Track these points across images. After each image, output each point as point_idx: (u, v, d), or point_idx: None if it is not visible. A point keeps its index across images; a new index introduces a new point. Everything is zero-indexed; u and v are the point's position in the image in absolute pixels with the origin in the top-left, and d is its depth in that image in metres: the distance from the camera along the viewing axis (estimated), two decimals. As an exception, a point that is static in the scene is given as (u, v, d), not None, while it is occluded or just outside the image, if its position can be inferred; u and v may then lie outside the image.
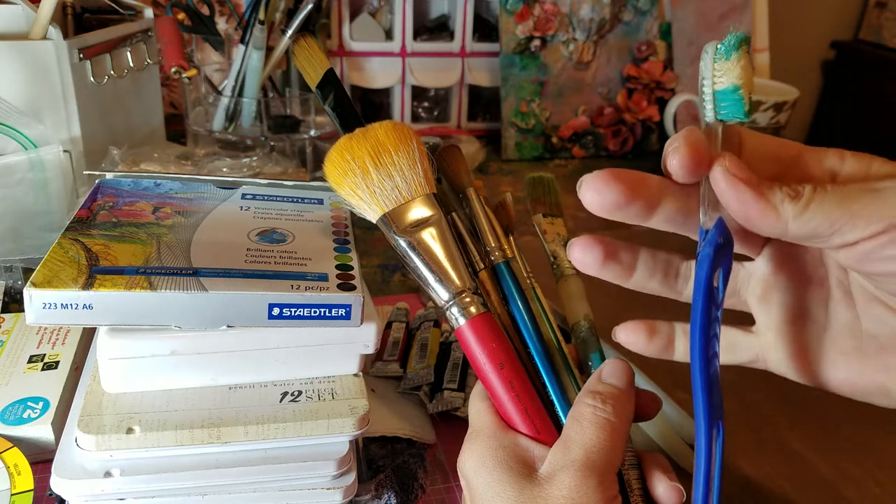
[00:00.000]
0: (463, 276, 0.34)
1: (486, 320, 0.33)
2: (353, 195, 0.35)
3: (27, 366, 0.46)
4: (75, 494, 0.34)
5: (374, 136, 0.35)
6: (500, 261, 0.37)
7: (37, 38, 0.58)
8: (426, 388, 0.49)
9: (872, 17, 1.65)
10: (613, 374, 0.32)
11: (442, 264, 0.34)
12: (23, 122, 0.56)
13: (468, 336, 0.32)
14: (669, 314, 0.34)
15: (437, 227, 0.34)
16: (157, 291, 0.33)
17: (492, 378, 0.32)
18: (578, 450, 0.29)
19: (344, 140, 0.36)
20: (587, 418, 0.29)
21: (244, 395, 0.36)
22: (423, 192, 0.35)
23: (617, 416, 0.29)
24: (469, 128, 1.10)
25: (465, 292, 0.33)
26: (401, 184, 0.34)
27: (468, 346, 0.33)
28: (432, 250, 0.34)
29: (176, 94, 1.05)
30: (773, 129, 0.93)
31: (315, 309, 0.35)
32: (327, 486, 0.37)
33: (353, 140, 0.35)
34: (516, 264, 0.38)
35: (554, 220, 0.42)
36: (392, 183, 0.34)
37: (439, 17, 1.08)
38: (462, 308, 0.33)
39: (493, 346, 0.32)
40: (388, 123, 0.36)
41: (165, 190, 0.43)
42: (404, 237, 0.34)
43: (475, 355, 0.32)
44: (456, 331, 0.33)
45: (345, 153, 0.35)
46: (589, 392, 0.31)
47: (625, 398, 0.31)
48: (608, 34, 1.04)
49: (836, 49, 1.69)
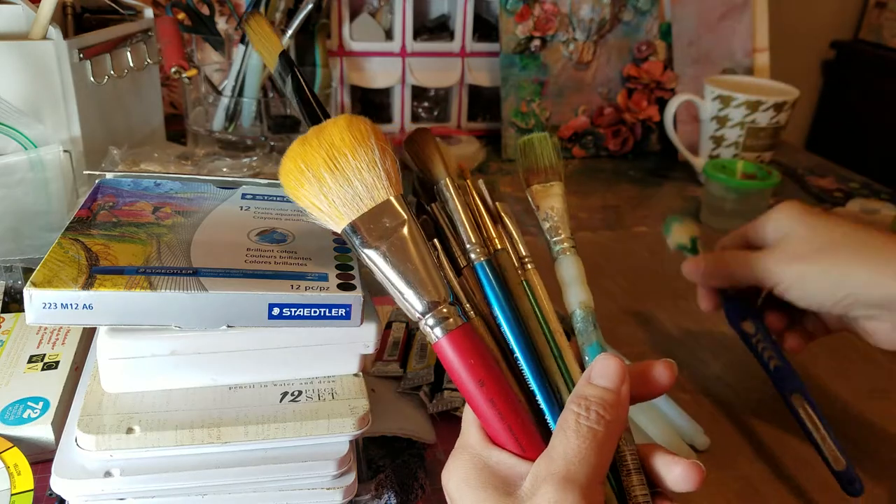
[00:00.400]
0: (437, 285, 0.31)
1: (464, 334, 0.31)
2: (313, 206, 0.32)
3: (27, 366, 0.46)
4: (75, 494, 0.34)
5: (328, 139, 0.32)
6: (480, 259, 0.35)
7: (37, 38, 0.58)
8: (426, 388, 0.49)
9: (872, 17, 1.65)
10: (602, 374, 0.31)
11: (413, 275, 0.31)
12: (23, 121, 0.56)
13: (446, 351, 0.31)
14: (670, 313, 0.34)
15: (405, 234, 0.32)
16: (157, 291, 0.33)
17: (473, 395, 0.31)
18: (560, 461, 0.28)
19: (296, 146, 0.33)
20: (571, 427, 0.29)
21: (244, 395, 0.36)
22: (387, 196, 0.32)
23: (602, 424, 0.29)
24: (469, 128, 1.10)
25: (440, 304, 0.31)
26: (361, 189, 0.32)
27: (447, 362, 0.31)
28: (402, 260, 0.31)
29: (176, 94, 1.05)
30: (773, 128, 0.93)
31: (315, 309, 0.35)
32: (327, 486, 0.37)
33: (306, 145, 0.33)
34: (505, 257, 0.36)
35: (549, 187, 0.38)
36: (352, 190, 0.32)
37: (439, 17, 1.08)
38: (438, 320, 0.31)
39: (471, 363, 0.30)
40: (342, 120, 0.33)
41: (165, 190, 0.43)
42: (370, 248, 0.31)
43: (454, 372, 0.31)
44: (433, 345, 0.31)
45: (298, 161, 0.32)
46: (575, 397, 0.30)
47: (614, 401, 0.30)
48: (608, 34, 1.04)
49: (836, 49, 1.69)
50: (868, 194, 0.99)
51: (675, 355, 0.60)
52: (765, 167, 0.87)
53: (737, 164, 0.88)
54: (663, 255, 0.78)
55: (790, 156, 1.13)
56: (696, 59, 1.07)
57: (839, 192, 1.00)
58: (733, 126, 0.94)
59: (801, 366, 0.57)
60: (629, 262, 0.75)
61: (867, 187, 1.02)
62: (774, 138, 0.95)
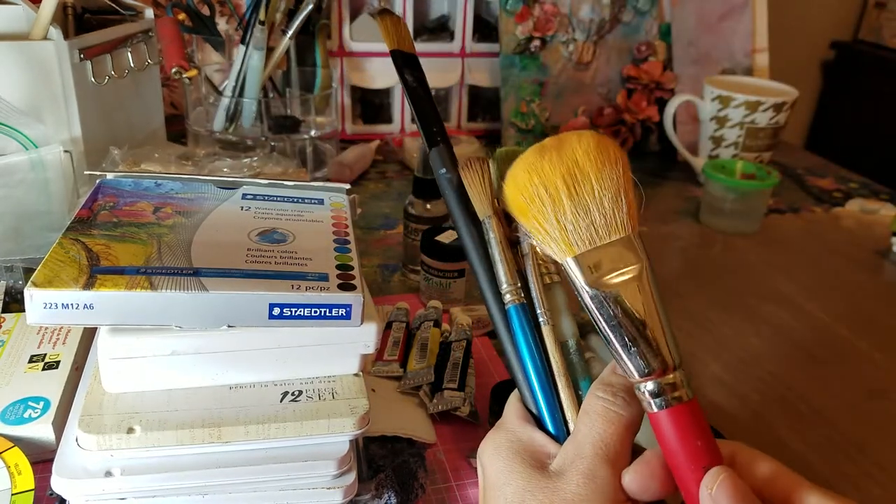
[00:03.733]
0: (671, 348, 0.27)
1: (691, 411, 0.27)
2: (538, 228, 0.29)
3: (28, 366, 0.46)
4: (76, 494, 0.34)
5: (570, 156, 0.29)
6: (514, 302, 0.32)
7: (37, 38, 0.59)
8: (426, 388, 0.50)
9: (872, 18, 1.65)
10: None
11: (643, 331, 0.27)
12: (23, 122, 0.56)
13: (666, 426, 0.27)
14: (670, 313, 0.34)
15: (639, 281, 0.28)
16: (158, 291, 0.33)
17: (688, 477, 0.27)
18: (588, 445, 0.28)
19: (532, 155, 0.30)
20: (597, 412, 0.29)
21: (245, 394, 0.37)
22: (626, 233, 0.28)
23: (627, 410, 0.29)
24: (469, 128, 1.10)
25: (671, 371, 0.27)
26: (599, 220, 0.28)
27: (663, 436, 0.27)
28: (631, 311, 0.27)
29: (177, 94, 1.05)
30: (772, 129, 0.93)
31: (315, 309, 0.35)
32: (327, 485, 0.37)
33: (545, 158, 0.29)
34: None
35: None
36: (588, 219, 0.28)
37: (439, 17, 1.08)
38: (664, 389, 0.27)
39: (698, 445, 0.26)
40: (589, 138, 0.29)
41: (166, 190, 0.43)
42: (595, 289, 0.28)
43: (671, 450, 0.27)
44: (650, 415, 0.27)
45: (533, 174, 0.29)
46: (601, 384, 0.30)
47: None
48: (608, 34, 1.04)
49: (835, 49, 1.69)
50: (867, 194, 0.99)
51: (675, 355, 0.60)
52: (764, 167, 0.87)
53: (736, 165, 0.88)
54: (663, 256, 0.78)
55: (789, 156, 1.13)
56: (696, 60, 1.07)
57: (838, 192, 1.00)
58: (733, 126, 0.94)
59: (802, 366, 0.57)
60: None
61: (866, 187, 1.03)
62: (774, 138, 0.95)
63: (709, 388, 0.56)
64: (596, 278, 0.28)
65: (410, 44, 0.41)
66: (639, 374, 0.27)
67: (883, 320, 0.67)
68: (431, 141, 0.37)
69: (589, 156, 0.29)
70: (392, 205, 0.85)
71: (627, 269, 0.28)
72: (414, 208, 0.66)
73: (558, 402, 0.31)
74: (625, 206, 0.28)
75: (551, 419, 0.31)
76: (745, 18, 1.09)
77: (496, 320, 0.33)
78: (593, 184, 0.28)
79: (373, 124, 1.06)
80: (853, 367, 0.60)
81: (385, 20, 0.41)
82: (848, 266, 0.78)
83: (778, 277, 0.74)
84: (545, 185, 0.29)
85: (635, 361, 0.27)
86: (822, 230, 0.88)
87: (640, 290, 0.27)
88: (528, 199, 0.29)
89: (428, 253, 0.61)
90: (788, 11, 1.46)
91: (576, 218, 0.28)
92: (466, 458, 0.46)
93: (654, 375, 0.27)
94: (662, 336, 0.27)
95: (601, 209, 0.28)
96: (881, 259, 0.80)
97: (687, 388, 0.27)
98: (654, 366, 0.27)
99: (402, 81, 0.40)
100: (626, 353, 0.27)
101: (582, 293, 0.28)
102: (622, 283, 0.27)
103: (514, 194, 0.30)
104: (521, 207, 0.30)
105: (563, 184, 0.28)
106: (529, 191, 0.29)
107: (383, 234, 0.79)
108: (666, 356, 0.27)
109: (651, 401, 0.27)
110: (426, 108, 0.39)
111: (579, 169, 0.28)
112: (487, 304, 0.33)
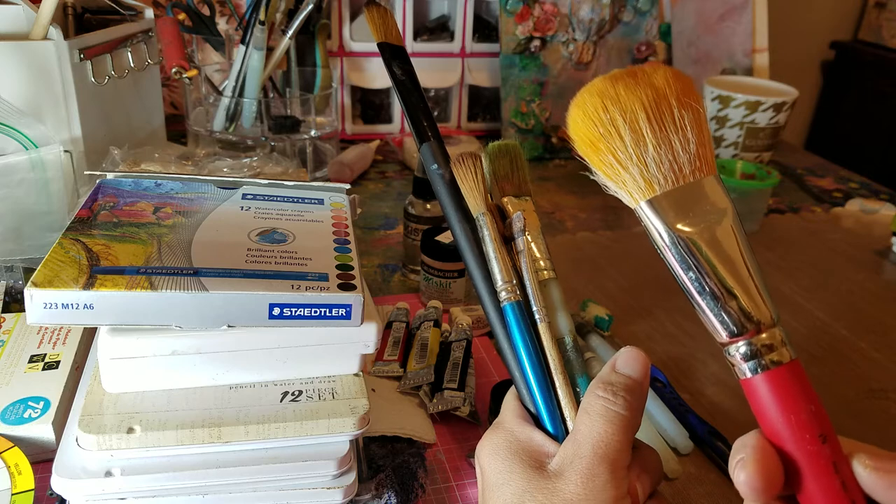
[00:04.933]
0: (765, 300, 0.24)
1: (794, 373, 0.24)
2: (613, 165, 0.25)
3: (28, 366, 0.46)
4: (76, 494, 0.34)
5: (648, 82, 0.25)
6: (511, 300, 0.31)
7: (37, 38, 0.59)
8: (426, 388, 0.50)
9: (872, 18, 1.65)
10: (628, 363, 0.30)
11: (739, 281, 0.24)
12: (24, 122, 0.56)
13: (763, 393, 0.23)
14: (670, 313, 0.34)
15: (729, 226, 0.24)
16: (158, 291, 0.33)
17: (801, 452, 0.23)
18: (587, 445, 0.28)
19: (602, 82, 0.26)
20: (597, 411, 0.29)
21: (245, 394, 0.37)
22: (710, 172, 0.25)
23: (628, 410, 0.29)
24: (469, 128, 1.10)
25: (768, 327, 0.24)
26: (682, 156, 0.24)
27: (761, 405, 0.24)
28: (724, 257, 0.24)
29: (177, 94, 1.05)
30: (772, 129, 0.93)
31: (315, 309, 0.35)
32: (327, 485, 0.37)
33: (620, 83, 0.25)
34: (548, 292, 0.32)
35: (524, 201, 0.34)
36: (672, 154, 0.24)
37: (439, 17, 1.08)
38: (760, 350, 0.23)
39: (812, 410, 0.23)
40: (665, 68, 0.26)
41: (166, 190, 0.43)
42: (681, 234, 0.24)
43: (774, 420, 0.23)
44: (742, 381, 0.24)
45: (606, 100, 0.25)
46: (601, 383, 0.30)
47: (638, 390, 0.30)
48: (608, 34, 1.04)
49: (835, 49, 1.69)
50: (867, 194, 0.99)
51: (675, 355, 0.60)
52: (764, 167, 0.87)
53: (736, 165, 0.88)
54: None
55: (789, 156, 1.13)
56: (696, 60, 1.07)
57: (838, 192, 1.00)
58: (733, 126, 0.94)
59: (802, 366, 0.57)
60: (629, 262, 0.75)
61: (866, 187, 1.03)
62: (774, 138, 0.95)
63: (709, 388, 0.56)
64: (683, 222, 0.24)
65: (398, 36, 0.41)
66: (732, 332, 0.24)
67: (882, 320, 0.67)
68: (422, 136, 0.37)
69: (669, 83, 0.25)
70: (392, 205, 0.85)
71: (717, 211, 0.24)
72: (414, 208, 0.66)
73: (556, 399, 0.31)
74: (706, 141, 0.25)
75: (549, 417, 0.31)
76: (745, 18, 1.09)
77: (492, 318, 0.33)
78: (675, 113, 0.25)
79: (373, 124, 1.06)
80: (852, 367, 0.60)
81: (372, 11, 0.41)
82: (848, 266, 0.78)
83: (778, 277, 0.74)
84: (623, 113, 0.25)
85: (730, 317, 0.24)
86: (822, 230, 0.88)
87: (731, 234, 0.24)
88: (600, 131, 0.25)
89: (428, 253, 0.61)
90: (788, 11, 1.47)
91: (657, 153, 0.24)
92: (466, 458, 0.46)
93: (750, 334, 0.24)
94: (755, 288, 0.24)
95: (685, 144, 0.24)
96: (881, 259, 0.80)
97: (787, 349, 0.23)
98: (751, 321, 0.23)
99: (391, 74, 0.39)
100: (717, 308, 0.24)
101: (664, 239, 0.25)
102: (711, 226, 0.24)
103: (583, 125, 0.26)
104: (590, 140, 0.26)
105: (644, 112, 0.25)
106: (601, 117, 0.25)
107: (383, 234, 0.79)
108: (763, 310, 0.24)
109: (746, 364, 0.23)
110: (415, 102, 0.38)
111: (661, 96, 0.25)
112: (482, 301, 0.33)
